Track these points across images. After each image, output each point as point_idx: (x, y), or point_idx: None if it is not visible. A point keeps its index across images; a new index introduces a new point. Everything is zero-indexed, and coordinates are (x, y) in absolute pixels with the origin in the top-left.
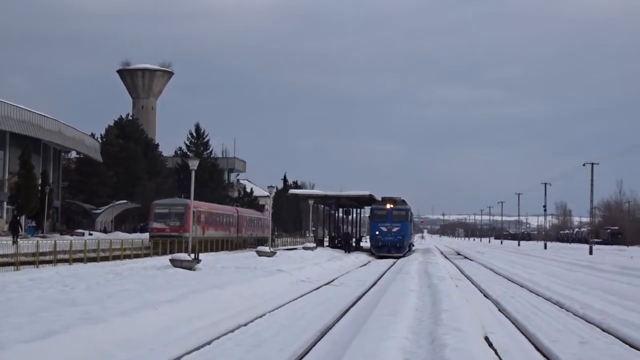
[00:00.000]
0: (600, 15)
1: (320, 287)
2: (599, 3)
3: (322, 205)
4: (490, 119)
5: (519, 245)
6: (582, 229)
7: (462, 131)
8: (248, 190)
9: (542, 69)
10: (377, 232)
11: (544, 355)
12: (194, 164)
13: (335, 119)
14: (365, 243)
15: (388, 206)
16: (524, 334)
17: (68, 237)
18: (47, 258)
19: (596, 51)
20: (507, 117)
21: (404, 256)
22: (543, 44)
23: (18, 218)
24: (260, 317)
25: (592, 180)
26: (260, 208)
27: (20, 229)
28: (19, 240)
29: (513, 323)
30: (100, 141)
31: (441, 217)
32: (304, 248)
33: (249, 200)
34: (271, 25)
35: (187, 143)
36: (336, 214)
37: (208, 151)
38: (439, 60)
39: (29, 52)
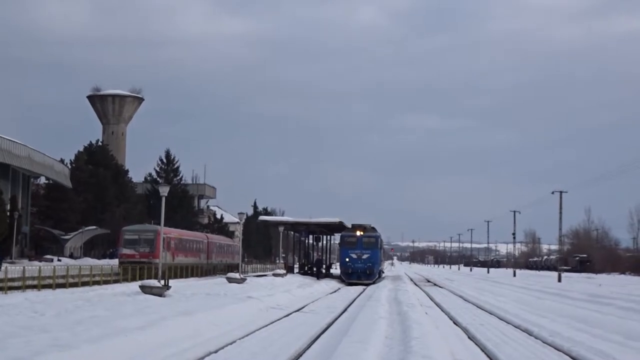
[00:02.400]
0: (567, 46)
1: (291, 314)
2: (565, 34)
3: (293, 232)
4: (459, 148)
5: (488, 272)
6: (551, 257)
7: (432, 159)
8: (218, 216)
9: (510, 98)
10: (347, 259)
11: None
12: (164, 190)
13: (306, 146)
14: (336, 270)
15: (358, 233)
16: None
17: (37, 263)
18: (15, 284)
19: (563, 81)
20: (476, 146)
21: (374, 283)
22: (511, 73)
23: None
24: (231, 344)
25: (560, 208)
26: (231, 234)
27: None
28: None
29: (482, 350)
30: (69, 167)
31: (411, 244)
32: (274, 275)
33: (219, 227)
34: (242, 53)
35: (157, 169)
36: (306, 241)
37: (178, 177)
38: (409, 89)
39: None
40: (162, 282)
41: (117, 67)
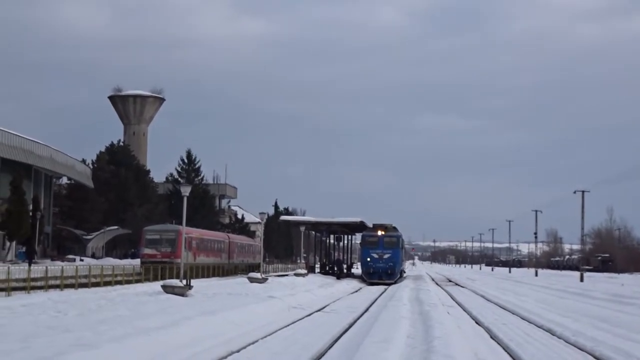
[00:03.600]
0: (586, 45)
1: (312, 313)
2: (584, 32)
3: (314, 232)
4: (480, 147)
5: (509, 272)
6: (573, 256)
7: (453, 158)
8: (239, 216)
9: (530, 98)
10: (368, 259)
11: None
12: (186, 190)
13: (326, 147)
14: (357, 269)
15: (379, 233)
16: None
17: (59, 262)
18: (38, 284)
19: (583, 80)
20: (497, 145)
21: (395, 283)
22: (529, 73)
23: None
24: (253, 343)
25: (582, 207)
26: (252, 234)
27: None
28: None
29: (505, 350)
30: (91, 167)
31: (432, 244)
32: (296, 274)
33: (240, 227)
34: (262, 53)
35: (179, 169)
36: (327, 241)
37: (199, 177)
38: (428, 89)
39: (21, 79)
40: (184, 281)
41: (138, 67)
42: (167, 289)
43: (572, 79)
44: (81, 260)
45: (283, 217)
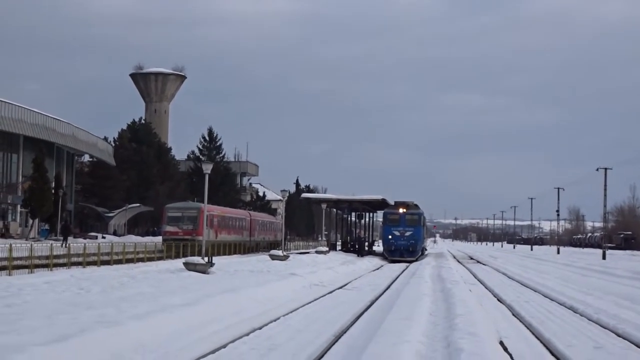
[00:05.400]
0: (611, 23)
1: (334, 290)
2: (610, 10)
3: (335, 210)
4: (502, 125)
5: (531, 250)
6: (595, 234)
7: (475, 137)
8: (260, 194)
9: (553, 76)
10: (390, 236)
11: None
12: (207, 167)
13: (348, 125)
14: (378, 247)
15: (401, 210)
16: (538, 339)
17: (81, 240)
18: (61, 261)
19: (607, 58)
20: (519, 124)
21: (416, 260)
22: (554, 51)
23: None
24: (275, 320)
25: (605, 185)
26: (273, 212)
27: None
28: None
29: (527, 327)
30: (113, 145)
31: (454, 222)
32: (317, 252)
33: (262, 204)
34: (284, 31)
35: (200, 147)
36: (349, 218)
37: (221, 155)
38: (451, 67)
39: (43, 57)
40: (206, 259)
41: (160, 45)
42: (189, 266)
43: (597, 57)
44: (103, 237)
45: (304, 195)
